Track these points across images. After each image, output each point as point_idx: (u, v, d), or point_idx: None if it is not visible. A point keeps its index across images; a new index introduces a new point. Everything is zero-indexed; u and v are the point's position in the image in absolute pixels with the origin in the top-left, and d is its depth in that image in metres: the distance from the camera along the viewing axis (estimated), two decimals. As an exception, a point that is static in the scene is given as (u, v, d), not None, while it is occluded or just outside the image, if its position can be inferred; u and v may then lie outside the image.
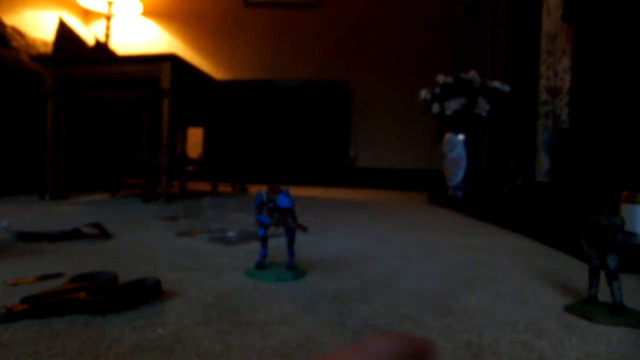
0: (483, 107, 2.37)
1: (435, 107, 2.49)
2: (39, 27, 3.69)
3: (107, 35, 4.16)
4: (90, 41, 3.39)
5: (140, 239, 1.24)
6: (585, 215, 0.70)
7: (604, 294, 0.71)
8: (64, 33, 2.98)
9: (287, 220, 0.84)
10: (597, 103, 1.79)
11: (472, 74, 2.45)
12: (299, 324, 0.61)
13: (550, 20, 2.50)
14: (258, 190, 0.87)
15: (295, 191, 0.97)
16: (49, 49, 3.21)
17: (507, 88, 2.44)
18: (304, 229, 0.85)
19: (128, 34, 4.45)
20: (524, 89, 2.61)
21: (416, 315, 0.66)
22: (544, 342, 0.58)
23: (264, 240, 0.88)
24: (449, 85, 2.47)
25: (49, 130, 2.35)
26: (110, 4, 4.11)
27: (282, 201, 0.82)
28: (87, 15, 4.43)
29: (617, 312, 0.66)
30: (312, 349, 0.52)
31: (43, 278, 0.80)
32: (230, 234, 1.31)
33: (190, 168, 3.44)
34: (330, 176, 4.13)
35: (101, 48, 3.32)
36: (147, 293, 0.69)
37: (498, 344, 0.57)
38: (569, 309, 0.71)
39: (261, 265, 0.88)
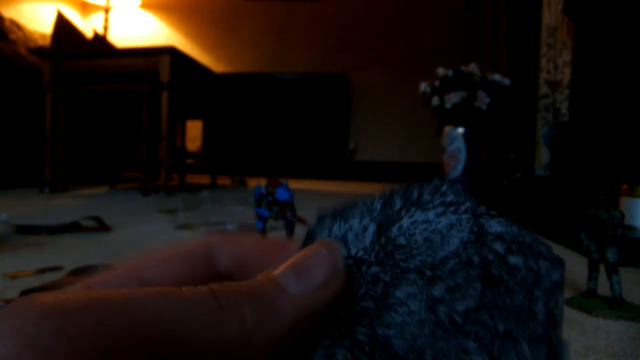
0: (483, 100, 2.36)
1: (435, 100, 2.48)
2: (37, 19, 3.66)
3: (105, 28, 4.14)
4: (88, 34, 3.37)
5: (140, 232, 1.24)
6: (585, 208, 0.69)
7: (603, 287, 0.71)
8: (62, 26, 2.96)
9: (286, 213, 0.84)
10: (598, 96, 1.78)
11: (472, 67, 2.44)
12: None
13: (551, 13, 2.49)
14: (257, 183, 0.86)
15: (294, 184, 0.96)
16: (47, 42, 3.20)
17: (507, 81, 2.43)
18: (303, 222, 0.85)
19: (127, 27, 4.42)
20: (524, 82, 2.60)
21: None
22: (543, 336, 0.58)
23: (263, 233, 0.88)
24: (448, 78, 2.46)
25: (48, 124, 2.34)
26: (108, -4, 4.09)
27: (281, 194, 0.82)
28: (85, 7, 4.40)
29: (616, 306, 0.66)
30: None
31: (42, 271, 0.80)
32: (230, 227, 1.30)
33: (189, 161, 3.44)
34: (330, 169, 4.13)
35: (100, 41, 3.30)
36: (146, 286, 0.69)
37: (497, 337, 0.57)
38: (568, 302, 0.71)
39: (260, 259, 0.87)
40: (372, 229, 0.18)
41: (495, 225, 0.17)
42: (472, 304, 0.15)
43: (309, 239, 0.18)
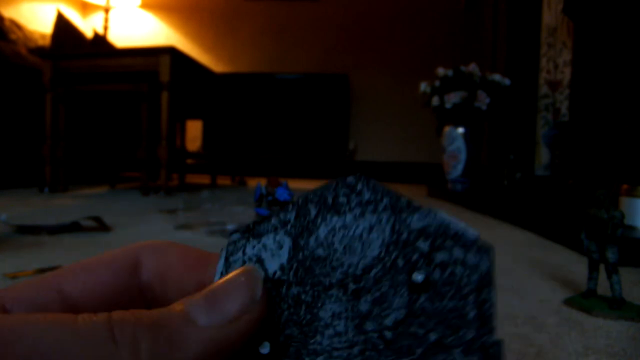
0: (483, 100, 2.36)
1: (435, 100, 2.48)
2: (37, 19, 3.66)
3: (105, 28, 4.14)
4: (88, 34, 3.37)
5: (140, 232, 1.24)
6: (585, 208, 0.69)
7: (603, 287, 0.71)
8: (62, 26, 2.96)
9: (286, 213, 0.83)
10: (598, 96, 1.78)
11: (472, 67, 2.44)
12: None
13: (551, 13, 2.49)
14: (257, 183, 0.86)
15: (294, 184, 0.96)
16: (47, 42, 3.20)
17: (507, 81, 2.43)
18: (303, 222, 0.84)
19: (127, 27, 4.42)
20: (524, 82, 2.60)
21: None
22: (543, 336, 0.58)
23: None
24: (448, 78, 2.46)
25: (48, 124, 2.34)
26: (108, -4, 4.09)
27: (281, 194, 0.82)
28: (85, 7, 4.40)
29: (616, 306, 0.66)
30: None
31: (42, 271, 0.80)
32: (230, 226, 1.30)
33: (189, 161, 3.44)
34: (330, 169, 4.13)
35: (100, 41, 3.30)
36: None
37: (497, 337, 0.57)
38: (568, 302, 0.71)
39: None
40: (287, 244, 0.16)
41: (416, 220, 0.15)
42: (400, 314, 0.14)
43: (225, 262, 0.17)
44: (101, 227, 1.24)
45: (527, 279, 0.86)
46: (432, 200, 2.51)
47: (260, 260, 0.17)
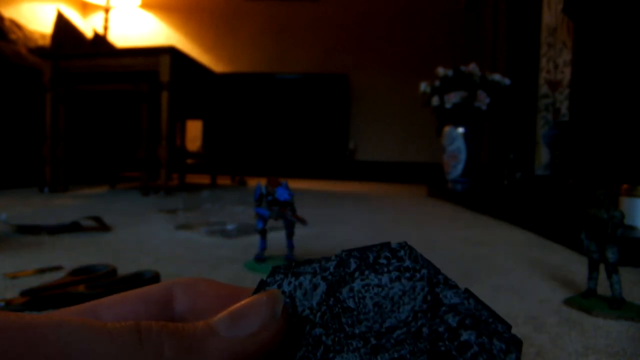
0: (483, 100, 2.36)
1: (435, 100, 2.48)
2: (37, 19, 3.66)
3: (105, 28, 4.14)
4: (88, 34, 3.37)
5: (140, 232, 1.24)
6: (585, 208, 0.69)
7: (603, 287, 0.71)
8: (62, 26, 2.96)
9: (286, 213, 0.84)
10: (598, 96, 1.78)
11: (472, 67, 2.44)
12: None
13: (551, 13, 2.49)
14: (257, 183, 0.86)
15: (294, 184, 0.96)
16: (47, 42, 3.20)
17: (507, 81, 2.43)
18: (303, 221, 0.85)
19: (127, 27, 4.42)
20: (525, 81, 2.60)
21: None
22: (543, 336, 0.58)
23: (263, 233, 0.88)
24: (448, 78, 2.46)
25: (48, 124, 2.34)
26: (108, -4, 4.09)
27: (281, 194, 0.82)
28: (85, 7, 4.40)
29: (616, 306, 0.66)
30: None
31: (42, 271, 0.80)
32: (230, 226, 1.30)
33: (189, 161, 3.44)
34: (330, 169, 4.13)
35: (100, 41, 3.30)
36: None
37: (497, 337, 0.57)
38: (568, 302, 0.71)
39: (260, 258, 0.88)
40: (321, 288, 0.17)
41: (450, 296, 0.16)
42: None
43: (258, 291, 0.18)
44: (101, 227, 1.24)
45: (527, 279, 0.86)
46: (433, 200, 2.51)
47: (292, 297, 0.18)
